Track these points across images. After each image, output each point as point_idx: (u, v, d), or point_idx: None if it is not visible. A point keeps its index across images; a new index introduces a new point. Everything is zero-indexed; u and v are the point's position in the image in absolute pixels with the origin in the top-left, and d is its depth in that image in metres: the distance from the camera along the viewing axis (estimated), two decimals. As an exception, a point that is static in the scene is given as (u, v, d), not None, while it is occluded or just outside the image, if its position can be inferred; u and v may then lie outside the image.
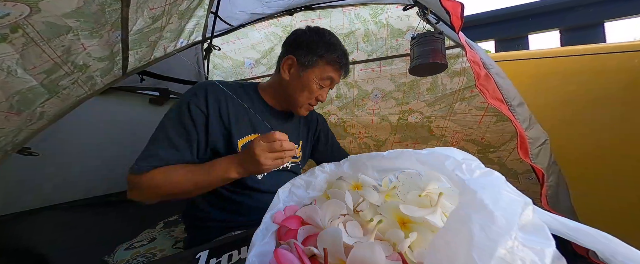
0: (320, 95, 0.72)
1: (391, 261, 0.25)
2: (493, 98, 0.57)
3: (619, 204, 0.94)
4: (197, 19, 0.98)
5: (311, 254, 0.28)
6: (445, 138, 1.09)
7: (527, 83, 1.03)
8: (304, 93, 0.70)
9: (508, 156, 0.96)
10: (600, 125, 0.95)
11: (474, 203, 0.21)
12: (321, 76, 0.69)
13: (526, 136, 0.59)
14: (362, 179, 0.38)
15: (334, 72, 0.70)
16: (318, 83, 0.69)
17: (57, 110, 0.65)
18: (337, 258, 0.26)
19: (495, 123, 0.95)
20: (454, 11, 0.54)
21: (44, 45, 0.44)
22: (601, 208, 0.95)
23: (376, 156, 0.37)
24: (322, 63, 0.69)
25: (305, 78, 0.69)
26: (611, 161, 0.94)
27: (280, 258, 0.26)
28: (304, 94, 0.71)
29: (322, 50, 0.68)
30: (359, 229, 0.30)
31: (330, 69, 0.69)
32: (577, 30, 1.27)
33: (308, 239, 0.31)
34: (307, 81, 0.69)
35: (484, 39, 1.49)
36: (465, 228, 0.19)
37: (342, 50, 0.71)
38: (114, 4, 0.51)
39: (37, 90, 0.52)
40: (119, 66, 0.75)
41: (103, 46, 0.59)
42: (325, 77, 0.69)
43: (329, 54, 0.68)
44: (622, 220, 0.93)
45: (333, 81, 0.72)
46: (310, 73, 0.69)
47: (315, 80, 0.69)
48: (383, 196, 0.34)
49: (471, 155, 0.29)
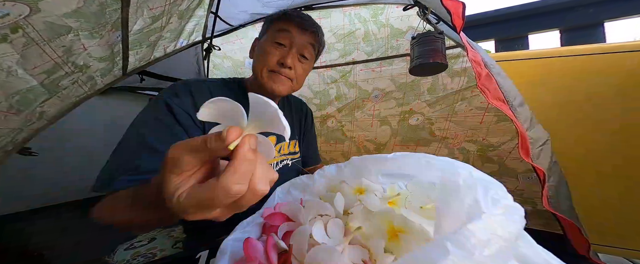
0: (282, 57, 0.62)
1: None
2: (494, 98, 0.57)
3: (620, 204, 0.94)
4: (197, 19, 0.98)
5: (282, 250, 0.28)
6: (446, 140, 1.09)
7: (527, 83, 1.03)
8: (260, 57, 0.64)
9: (508, 155, 0.95)
10: (601, 125, 0.95)
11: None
12: (272, 34, 0.63)
13: (527, 136, 0.59)
14: (366, 184, 0.36)
15: (283, 22, 0.64)
16: (272, 40, 0.63)
17: (57, 110, 0.65)
18: (301, 255, 0.26)
19: (497, 123, 0.94)
20: (455, 11, 0.53)
21: (44, 45, 0.44)
22: (602, 208, 0.95)
23: (380, 158, 0.35)
24: (272, 26, 0.65)
25: (261, 43, 0.66)
26: (612, 162, 0.94)
27: (247, 246, 0.28)
28: (260, 57, 0.64)
29: (271, 17, 0.67)
30: (341, 230, 0.30)
31: (277, 24, 0.64)
32: (577, 30, 1.27)
33: (287, 235, 0.31)
34: (262, 45, 0.65)
35: (484, 39, 1.49)
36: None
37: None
38: (114, 4, 0.51)
39: (37, 90, 0.51)
40: (119, 66, 0.75)
41: (103, 46, 0.59)
42: (276, 30, 0.63)
43: (276, 16, 0.66)
44: (623, 220, 0.93)
45: (287, 32, 0.63)
46: (264, 38, 0.66)
47: (269, 39, 0.63)
48: (385, 202, 0.32)
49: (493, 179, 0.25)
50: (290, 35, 0.62)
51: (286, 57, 0.61)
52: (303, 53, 0.65)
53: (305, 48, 0.65)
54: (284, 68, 0.61)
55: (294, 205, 0.34)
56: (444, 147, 1.11)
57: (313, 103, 1.33)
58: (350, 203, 0.33)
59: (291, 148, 0.78)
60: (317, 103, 1.32)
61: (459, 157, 1.07)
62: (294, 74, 0.64)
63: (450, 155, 1.10)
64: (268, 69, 0.62)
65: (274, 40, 0.62)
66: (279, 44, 0.62)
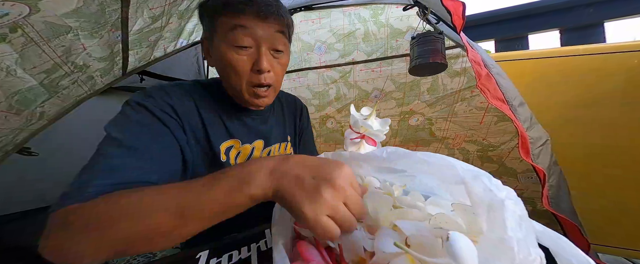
0: (255, 63, 0.49)
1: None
2: (494, 98, 0.57)
3: (620, 204, 0.94)
4: (197, 18, 0.98)
5: (326, 246, 0.29)
6: (446, 140, 1.09)
7: (527, 83, 1.03)
8: (227, 70, 0.50)
9: (508, 155, 0.95)
10: (601, 125, 0.95)
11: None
12: (226, 35, 0.47)
13: (527, 136, 0.59)
14: (368, 180, 0.36)
15: (232, 16, 0.47)
16: (230, 44, 0.47)
17: (57, 110, 0.65)
18: (353, 253, 0.27)
19: (497, 124, 0.95)
20: (456, 11, 0.53)
21: (43, 45, 0.44)
22: (602, 209, 0.95)
23: (374, 156, 0.33)
24: (219, 20, 0.48)
25: (218, 49, 0.49)
26: (613, 162, 0.94)
27: (303, 251, 0.27)
28: (227, 70, 0.49)
29: (213, 6, 0.49)
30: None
31: (228, 17, 0.47)
32: (577, 30, 1.27)
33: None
34: (220, 52, 0.48)
35: (484, 39, 1.49)
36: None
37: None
38: (114, 4, 0.51)
39: (36, 90, 0.51)
40: (119, 66, 0.75)
41: (103, 46, 0.59)
42: (228, 28, 0.47)
43: (219, 4, 0.48)
44: (623, 220, 0.93)
45: (245, 28, 0.47)
46: (217, 40, 0.49)
47: (226, 44, 0.48)
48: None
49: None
50: (250, 32, 0.47)
51: (260, 61, 0.48)
52: (275, 47, 0.51)
53: (276, 40, 0.50)
54: (263, 73, 0.50)
55: None
56: (444, 147, 1.11)
57: (312, 103, 1.32)
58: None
59: (282, 151, 0.70)
60: (317, 103, 1.32)
61: (459, 157, 1.08)
62: (274, 76, 0.53)
63: (450, 155, 1.09)
64: (248, 84, 0.51)
65: (232, 43, 0.47)
66: (240, 48, 0.47)
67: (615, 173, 0.94)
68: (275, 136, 0.66)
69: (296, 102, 0.80)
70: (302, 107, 0.81)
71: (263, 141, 0.63)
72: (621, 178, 0.93)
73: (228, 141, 0.56)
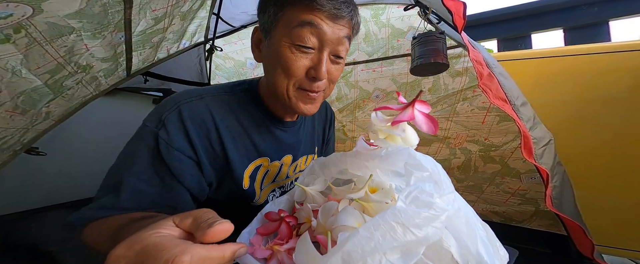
0: (313, 67, 0.44)
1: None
2: (496, 98, 0.57)
3: (623, 205, 0.92)
4: (199, 20, 0.99)
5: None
6: (448, 140, 1.08)
7: (530, 83, 1.02)
8: (278, 69, 0.45)
9: (510, 155, 0.95)
10: (605, 125, 0.94)
11: None
12: (290, 31, 0.42)
13: (530, 136, 0.58)
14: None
15: (307, 10, 0.41)
16: (292, 43, 0.43)
17: (63, 110, 0.66)
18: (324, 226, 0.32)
19: (499, 123, 0.94)
20: (457, 10, 0.53)
21: (46, 45, 0.45)
22: (606, 209, 0.94)
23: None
24: (287, 11, 0.43)
25: (274, 44, 0.44)
26: (616, 162, 0.93)
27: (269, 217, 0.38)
28: (278, 70, 0.45)
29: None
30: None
31: (299, 10, 0.42)
32: (581, 29, 1.26)
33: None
34: (276, 47, 0.44)
35: (487, 38, 1.48)
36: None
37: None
38: (117, 6, 0.52)
39: (41, 90, 0.52)
40: (123, 67, 0.76)
41: (106, 47, 0.60)
42: (297, 24, 0.42)
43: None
44: (628, 221, 0.92)
45: (313, 26, 0.42)
46: (276, 34, 0.44)
47: (287, 40, 0.43)
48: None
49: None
50: (317, 32, 0.42)
51: (319, 66, 0.43)
52: (338, 53, 0.46)
53: (341, 45, 0.45)
54: (317, 82, 0.45)
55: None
56: (445, 147, 1.10)
57: (314, 103, 1.33)
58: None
59: (308, 163, 0.66)
60: (319, 103, 1.32)
61: (461, 157, 1.07)
62: (327, 84, 0.48)
63: (451, 155, 1.09)
64: (296, 86, 0.46)
65: (294, 41, 0.42)
66: (301, 47, 0.43)
67: (620, 174, 0.92)
68: (304, 149, 0.64)
69: (327, 109, 0.74)
70: (332, 114, 0.76)
71: (292, 156, 0.60)
72: (627, 178, 0.91)
73: (255, 162, 0.52)
